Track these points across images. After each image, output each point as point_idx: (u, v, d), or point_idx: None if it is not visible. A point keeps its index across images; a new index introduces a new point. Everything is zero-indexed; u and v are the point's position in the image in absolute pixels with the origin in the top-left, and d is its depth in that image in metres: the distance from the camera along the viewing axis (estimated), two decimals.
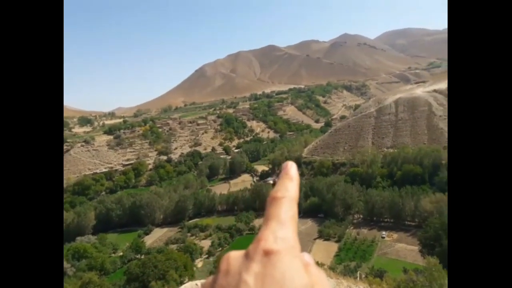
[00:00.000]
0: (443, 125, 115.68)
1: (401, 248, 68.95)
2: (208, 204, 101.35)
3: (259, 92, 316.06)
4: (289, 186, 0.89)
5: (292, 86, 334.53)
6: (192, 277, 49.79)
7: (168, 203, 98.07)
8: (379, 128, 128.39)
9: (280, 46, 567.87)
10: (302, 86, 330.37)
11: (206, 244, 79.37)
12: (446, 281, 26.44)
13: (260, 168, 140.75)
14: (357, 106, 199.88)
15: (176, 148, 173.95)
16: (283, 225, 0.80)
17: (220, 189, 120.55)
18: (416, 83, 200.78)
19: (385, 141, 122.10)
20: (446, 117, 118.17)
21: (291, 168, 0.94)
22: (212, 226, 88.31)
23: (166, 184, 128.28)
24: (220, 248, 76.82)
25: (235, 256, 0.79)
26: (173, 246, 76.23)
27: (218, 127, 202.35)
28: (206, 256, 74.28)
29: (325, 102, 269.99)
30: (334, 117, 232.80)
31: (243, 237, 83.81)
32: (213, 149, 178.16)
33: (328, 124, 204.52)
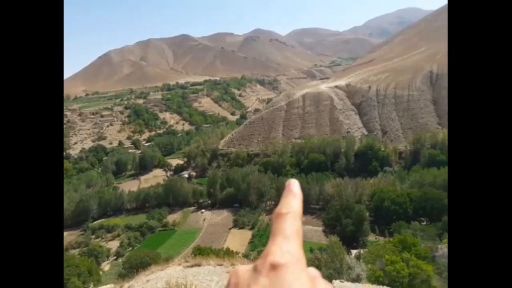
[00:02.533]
0: (342, 117, 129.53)
1: (307, 230, 75.21)
2: (116, 203, 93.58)
3: (173, 82, 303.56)
4: (292, 203, 0.93)
5: (207, 78, 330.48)
6: (98, 282, 45.52)
7: (68, 204, 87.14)
8: (288, 120, 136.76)
9: (194, 36, 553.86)
10: (218, 78, 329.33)
11: (114, 245, 73.37)
12: (346, 256, 29.60)
13: (175, 162, 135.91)
14: (269, 100, 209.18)
15: (75, 143, 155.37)
16: (288, 240, 0.83)
17: (129, 186, 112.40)
18: (321, 79, 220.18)
19: (294, 132, 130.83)
20: (345, 111, 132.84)
21: (294, 185, 0.97)
22: (121, 225, 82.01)
23: (64, 183, 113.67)
24: (130, 248, 71.99)
25: (243, 270, 0.83)
26: (75, 251, 68.30)
27: (126, 119, 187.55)
28: (114, 257, 68.74)
29: (240, 95, 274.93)
30: (248, 109, 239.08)
31: (156, 234, 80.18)
32: (120, 143, 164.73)
33: (243, 117, 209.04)
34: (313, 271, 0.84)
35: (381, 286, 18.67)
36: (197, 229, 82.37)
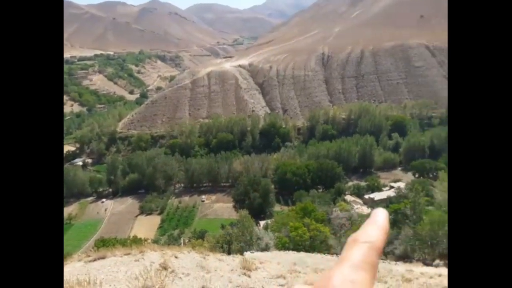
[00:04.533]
0: (247, 97, 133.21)
1: (218, 208, 76.94)
2: None
3: None
4: (374, 233, 0.83)
5: (98, 52, 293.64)
6: None
7: None
8: (194, 99, 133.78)
9: (79, 3, 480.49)
10: (111, 53, 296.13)
11: None
12: (255, 228, 31.42)
13: (65, 148, 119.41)
14: (172, 77, 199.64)
15: None
16: (356, 270, 0.76)
17: None
18: (225, 57, 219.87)
19: (201, 112, 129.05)
20: (249, 90, 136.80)
21: (381, 215, 0.88)
22: None
23: None
24: None
25: None
26: None
27: None
28: None
29: (138, 72, 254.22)
30: (149, 88, 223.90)
31: None
32: None
33: (144, 96, 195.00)
34: None
35: (287, 251, 20.56)
36: (98, 220, 75.47)
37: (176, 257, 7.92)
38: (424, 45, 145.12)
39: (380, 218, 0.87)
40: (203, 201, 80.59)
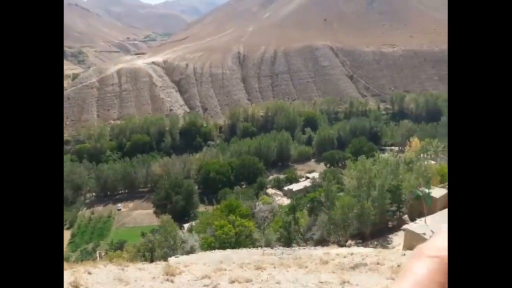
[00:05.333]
0: (163, 95, 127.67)
1: (137, 215, 72.13)
2: None
3: None
4: (445, 246, 0.75)
5: None
6: None
7: None
8: (103, 99, 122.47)
9: None
10: None
11: None
12: (179, 232, 30.36)
13: None
14: (75, 75, 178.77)
15: None
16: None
17: None
18: (136, 54, 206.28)
19: (111, 112, 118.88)
20: (165, 88, 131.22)
21: None
22: None
23: None
24: None
25: None
26: None
27: None
28: None
29: None
30: None
31: None
32: None
33: None
34: None
35: (213, 251, 20.41)
36: None
37: (89, 273, 7.39)
38: (329, 46, 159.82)
39: None
40: (119, 209, 74.41)
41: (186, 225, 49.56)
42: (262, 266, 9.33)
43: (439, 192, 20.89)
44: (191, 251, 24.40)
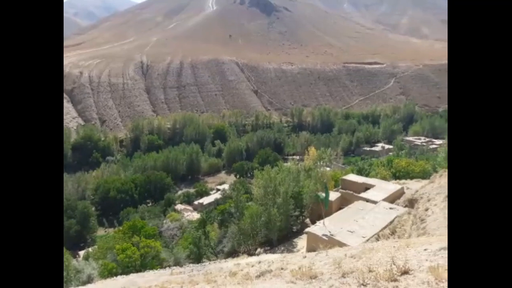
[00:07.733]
0: None
1: None
2: None
3: None
4: None
5: None
6: None
7: None
8: None
9: None
10: None
11: None
12: (73, 261, 26.46)
13: None
14: None
15: None
16: None
17: None
18: None
19: None
20: None
21: None
22: None
23: None
24: None
25: None
26: None
27: None
28: None
29: None
30: None
31: None
32: None
33: None
34: None
35: (114, 278, 18.41)
36: None
37: None
38: (234, 62, 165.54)
39: None
40: None
41: (81, 252, 43.72)
42: (169, 287, 8.76)
43: (333, 195, 23.52)
44: (89, 280, 21.84)
